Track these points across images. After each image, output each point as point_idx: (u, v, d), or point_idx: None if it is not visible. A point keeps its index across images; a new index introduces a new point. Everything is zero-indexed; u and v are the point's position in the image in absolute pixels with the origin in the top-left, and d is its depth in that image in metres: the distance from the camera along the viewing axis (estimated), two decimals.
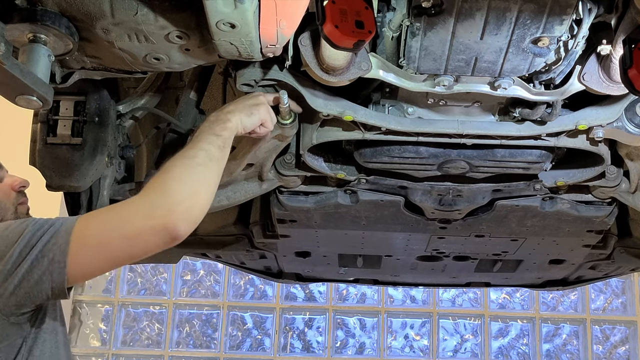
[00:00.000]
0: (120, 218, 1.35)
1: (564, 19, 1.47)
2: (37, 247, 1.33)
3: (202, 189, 1.43)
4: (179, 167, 1.43)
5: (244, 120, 1.62)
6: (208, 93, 2.35)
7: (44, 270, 1.31)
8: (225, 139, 1.55)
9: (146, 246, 1.37)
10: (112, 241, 1.34)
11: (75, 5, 1.43)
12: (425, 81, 1.72)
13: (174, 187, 1.38)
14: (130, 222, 1.34)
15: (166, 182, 1.40)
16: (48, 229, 1.35)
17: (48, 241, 1.33)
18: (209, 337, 6.36)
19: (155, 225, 1.33)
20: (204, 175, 1.45)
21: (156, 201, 1.36)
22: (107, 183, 2.20)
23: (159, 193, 1.37)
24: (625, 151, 2.05)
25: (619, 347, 6.34)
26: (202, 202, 1.43)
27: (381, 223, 2.43)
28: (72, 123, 2.07)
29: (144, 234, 1.34)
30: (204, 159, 1.48)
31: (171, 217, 1.34)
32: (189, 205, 1.38)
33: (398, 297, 6.37)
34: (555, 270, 3.03)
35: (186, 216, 1.37)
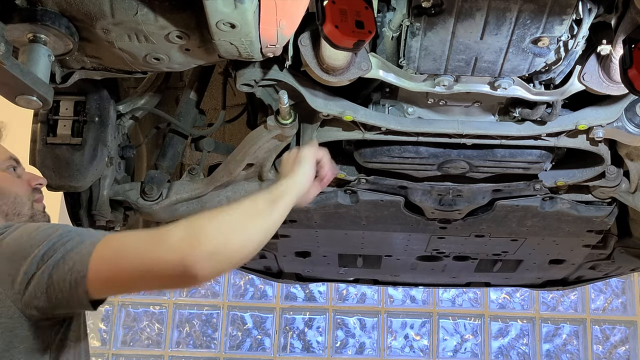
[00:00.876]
0: (144, 244, 1.29)
1: (564, 19, 1.47)
2: (59, 252, 1.30)
3: (238, 236, 1.31)
4: (219, 210, 1.34)
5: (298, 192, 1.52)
6: (208, 93, 2.35)
7: (63, 277, 1.29)
8: (276, 194, 1.44)
9: (162, 278, 1.29)
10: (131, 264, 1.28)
11: (75, 5, 1.43)
12: (425, 81, 1.72)
13: (205, 225, 1.28)
14: (151, 249, 1.27)
15: (199, 218, 1.31)
16: (74, 237, 1.32)
17: (72, 249, 1.30)
18: (209, 337, 6.36)
19: (173, 257, 1.24)
20: (242, 223, 1.33)
21: (182, 234, 1.27)
22: (107, 183, 2.20)
23: (188, 227, 1.28)
24: (625, 151, 2.05)
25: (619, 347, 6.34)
26: (233, 249, 1.30)
27: (381, 223, 2.43)
28: (72, 123, 2.07)
29: (161, 265, 1.25)
30: (248, 207, 1.37)
31: (191, 252, 1.24)
32: (216, 247, 1.26)
33: (398, 297, 6.37)
34: (555, 270, 3.03)
35: (210, 257, 1.25)
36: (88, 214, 2.24)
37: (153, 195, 2.20)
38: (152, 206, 2.21)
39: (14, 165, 1.61)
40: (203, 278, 1.26)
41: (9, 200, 1.55)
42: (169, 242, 1.26)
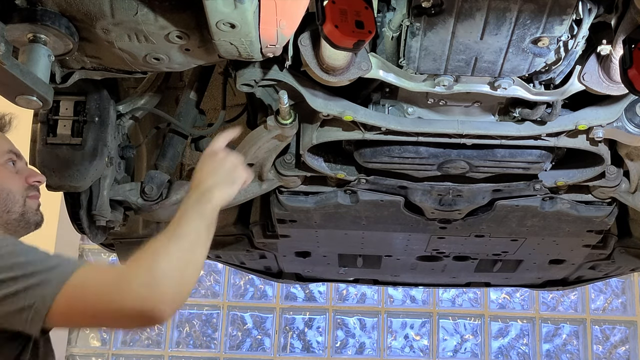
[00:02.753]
0: (109, 290, 1.31)
1: (564, 19, 1.47)
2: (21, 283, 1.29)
3: (190, 272, 1.38)
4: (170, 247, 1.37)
5: (228, 193, 1.54)
6: (208, 93, 2.35)
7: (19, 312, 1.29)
8: (211, 219, 1.47)
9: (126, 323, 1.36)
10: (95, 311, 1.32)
11: (75, 5, 1.43)
12: (425, 81, 1.72)
13: (165, 270, 1.32)
14: (117, 297, 1.30)
15: (156, 261, 1.34)
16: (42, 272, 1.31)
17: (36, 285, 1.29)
18: (209, 337, 6.36)
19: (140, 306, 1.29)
20: (193, 258, 1.39)
21: (145, 281, 1.31)
22: (107, 183, 2.20)
23: (149, 274, 1.32)
24: (625, 151, 2.05)
25: (619, 347, 6.34)
26: (189, 285, 1.38)
27: (381, 223, 2.43)
28: (72, 123, 2.07)
29: (127, 312, 1.30)
30: (193, 240, 1.41)
31: (159, 302, 1.30)
32: (177, 291, 1.33)
33: (398, 297, 6.37)
34: (555, 270, 3.03)
35: (173, 301, 1.32)
36: (88, 214, 2.23)
37: (153, 195, 2.20)
38: (152, 206, 2.21)
39: (13, 159, 1.58)
40: (167, 318, 1.33)
41: (0, 197, 1.52)
42: (136, 292, 1.29)
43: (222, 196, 1.51)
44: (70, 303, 1.30)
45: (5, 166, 1.56)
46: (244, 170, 1.59)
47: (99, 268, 1.43)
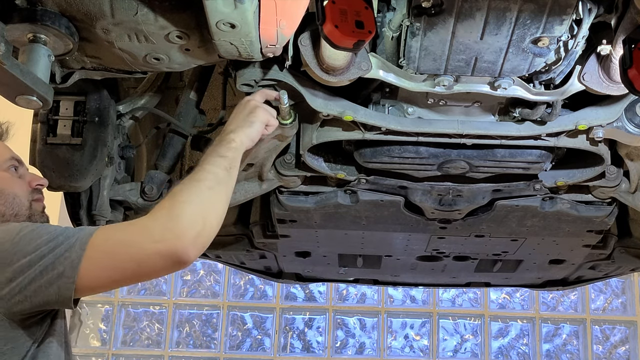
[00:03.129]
0: (131, 240, 1.35)
1: (564, 19, 1.47)
2: (48, 258, 1.33)
3: (212, 213, 1.42)
4: (188, 190, 1.43)
5: (247, 134, 1.61)
6: (208, 93, 2.35)
7: (51, 282, 1.32)
8: (231, 159, 1.53)
9: (154, 269, 1.37)
10: (121, 262, 1.35)
11: (75, 5, 1.43)
12: (425, 81, 1.72)
13: (184, 211, 1.37)
14: (139, 245, 1.34)
15: (175, 205, 1.39)
16: (63, 242, 1.35)
17: (61, 255, 1.33)
18: (209, 337, 6.36)
19: (163, 250, 1.33)
20: (213, 199, 1.44)
21: (166, 225, 1.35)
22: (107, 183, 2.20)
23: (168, 217, 1.37)
24: (625, 151, 2.05)
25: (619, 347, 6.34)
26: (212, 226, 1.42)
27: (381, 223, 2.43)
28: (72, 123, 2.07)
29: (152, 258, 1.34)
30: (211, 181, 1.46)
31: (180, 242, 1.34)
32: (198, 231, 1.37)
33: (398, 297, 6.37)
34: (555, 270, 3.03)
35: (195, 241, 1.36)
36: (88, 214, 2.24)
37: (153, 195, 2.20)
38: (152, 206, 2.21)
39: (15, 165, 1.61)
40: (192, 260, 1.38)
41: (7, 201, 1.55)
42: (156, 235, 1.34)
43: (240, 138, 1.58)
44: (96, 259, 1.33)
45: (8, 172, 1.60)
46: (263, 112, 1.65)
47: (119, 223, 1.49)
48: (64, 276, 1.32)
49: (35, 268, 1.33)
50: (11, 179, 1.59)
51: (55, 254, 1.34)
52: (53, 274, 1.32)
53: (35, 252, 1.34)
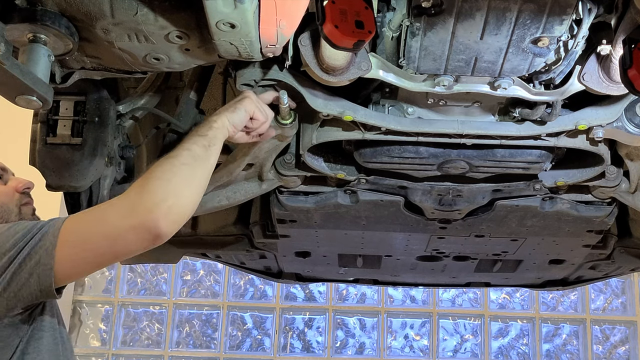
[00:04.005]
0: (102, 218, 1.35)
1: (564, 19, 1.47)
2: (24, 251, 1.34)
3: (186, 187, 1.41)
4: (161, 166, 1.42)
5: (230, 118, 1.61)
6: (208, 93, 2.35)
7: (30, 273, 1.33)
8: (210, 138, 1.53)
9: (128, 245, 1.36)
10: (95, 241, 1.35)
11: (75, 5, 1.43)
12: (425, 81, 1.72)
13: (155, 186, 1.37)
14: (111, 221, 1.34)
15: (147, 181, 1.38)
16: (36, 233, 1.36)
17: (36, 244, 1.34)
18: (209, 337, 6.35)
19: (134, 224, 1.33)
20: (187, 174, 1.43)
21: (136, 200, 1.35)
22: (107, 183, 2.20)
23: (140, 192, 1.36)
24: (625, 151, 2.05)
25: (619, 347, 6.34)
26: (186, 201, 1.40)
27: (381, 223, 2.43)
28: (72, 123, 2.07)
29: (125, 234, 1.33)
30: (187, 158, 1.46)
31: (151, 215, 1.33)
32: (170, 204, 1.36)
33: (398, 297, 6.37)
34: (555, 270, 3.03)
35: (168, 215, 1.35)
36: None
37: None
38: None
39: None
40: (166, 234, 1.36)
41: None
42: (126, 210, 1.33)
43: (222, 120, 1.59)
44: (70, 242, 1.33)
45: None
46: (249, 102, 1.66)
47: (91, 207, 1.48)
48: (41, 264, 1.32)
49: (14, 262, 1.33)
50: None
51: (30, 244, 1.34)
52: (30, 264, 1.33)
53: (14, 248, 1.35)
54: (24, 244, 1.35)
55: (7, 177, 1.65)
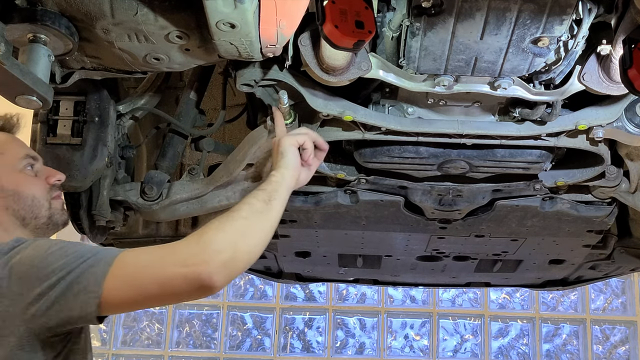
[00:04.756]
0: (157, 261, 1.33)
1: (564, 19, 1.47)
2: (73, 273, 1.32)
3: (244, 241, 1.38)
4: (222, 219, 1.41)
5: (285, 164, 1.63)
6: (208, 93, 2.35)
7: (76, 297, 1.31)
8: (270, 192, 1.52)
9: (177, 292, 1.34)
10: (145, 283, 1.33)
11: (75, 5, 1.43)
12: (425, 81, 1.72)
13: (213, 237, 1.35)
14: (165, 266, 1.32)
15: (206, 232, 1.37)
16: (89, 257, 1.34)
17: (86, 270, 1.32)
18: (209, 337, 6.36)
19: (188, 273, 1.30)
20: (246, 228, 1.41)
21: (193, 249, 1.33)
22: (107, 183, 2.20)
23: (197, 242, 1.35)
24: (625, 151, 2.05)
25: (619, 347, 6.34)
26: (242, 255, 1.38)
27: (381, 223, 2.43)
28: (72, 123, 2.07)
29: (176, 280, 1.31)
30: (246, 211, 1.44)
31: (206, 267, 1.31)
32: (227, 258, 1.34)
33: (398, 297, 6.37)
34: (555, 270, 3.03)
35: (223, 268, 1.33)
36: (88, 214, 2.23)
37: (153, 195, 2.20)
38: (152, 206, 2.21)
39: (31, 163, 1.59)
40: (219, 287, 1.33)
41: (26, 204, 1.54)
42: (182, 258, 1.31)
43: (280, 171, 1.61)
44: (121, 276, 1.31)
45: (24, 172, 1.57)
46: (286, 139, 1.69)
47: (148, 247, 1.44)
48: (88, 291, 1.31)
49: (61, 284, 1.31)
50: (28, 180, 1.56)
51: (81, 268, 1.32)
52: (78, 288, 1.31)
53: (63, 269, 1.32)
54: (75, 266, 1.32)
55: (37, 167, 1.61)
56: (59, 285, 1.31)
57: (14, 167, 1.56)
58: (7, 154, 1.57)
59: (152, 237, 2.71)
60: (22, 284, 1.32)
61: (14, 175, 1.55)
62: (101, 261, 1.33)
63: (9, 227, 1.51)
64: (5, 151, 1.57)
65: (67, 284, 1.31)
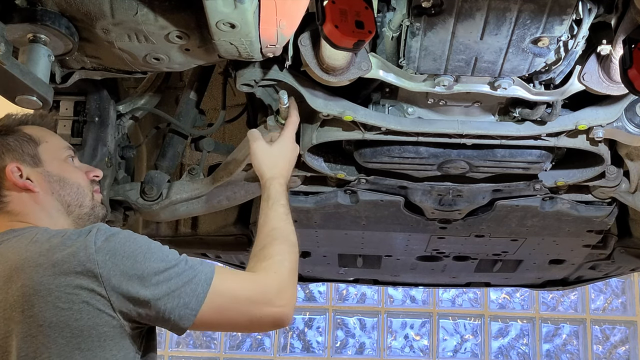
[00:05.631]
0: (251, 298, 1.40)
1: (564, 19, 1.47)
2: (174, 283, 1.34)
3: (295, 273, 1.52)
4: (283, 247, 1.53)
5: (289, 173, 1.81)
6: (208, 93, 2.35)
7: (173, 309, 1.33)
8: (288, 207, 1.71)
9: (262, 328, 1.46)
10: (238, 316, 1.40)
11: (75, 5, 1.43)
12: (425, 81, 1.72)
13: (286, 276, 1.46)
14: (257, 305, 1.40)
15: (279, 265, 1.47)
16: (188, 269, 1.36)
17: (186, 283, 1.34)
18: (209, 337, 6.36)
19: (276, 314, 1.41)
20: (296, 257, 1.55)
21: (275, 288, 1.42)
22: (107, 183, 2.20)
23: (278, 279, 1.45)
24: (625, 151, 2.05)
25: (619, 347, 6.34)
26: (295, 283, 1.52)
27: (381, 223, 2.43)
28: (72, 123, 2.07)
29: (265, 319, 1.41)
30: (294, 237, 1.59)
31: (289, 309, 1.43)
32: (294, 293, 1.47)
33: (398, 297, 6.37)
34: (555, 270, 3.03)
35: (293, 305, 1.46)
36: None
37: (153, 195, 2.20)
38: (152, 206, 2.21)
39: (72, 155, 1.59)
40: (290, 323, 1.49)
41: (72, 191, 1.53)
42: (269, 299, 1.41)
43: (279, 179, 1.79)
44: (217, 303, 1.37)
45: (67, 161, 1.57)
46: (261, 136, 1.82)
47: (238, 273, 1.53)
48: (189, 308, 1.34)
49: (162, 288, 1.32)
50: (73, 169, 1.57)
51: (182, 279, 1.34)
52: (178, 302, 1.33)
53: (166, 271, 1.34)
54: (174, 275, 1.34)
55: (77, 162, 1.61)
56: (160, 291, 1.32)
57: (59, 155, 1.56)
58: (51, 143, 1.56)
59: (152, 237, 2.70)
60: (123, 278, 1.31)
61: (59, 163, 1.55)
62: (200, 280, 1.36)
63: (52, 213, 1.50)
64: (49, 140, 1.56)
65: (166, 293, 1.33)
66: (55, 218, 1.49)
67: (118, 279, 1.31)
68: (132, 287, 1.31)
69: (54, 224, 1.46)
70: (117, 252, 1.32)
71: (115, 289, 1.30)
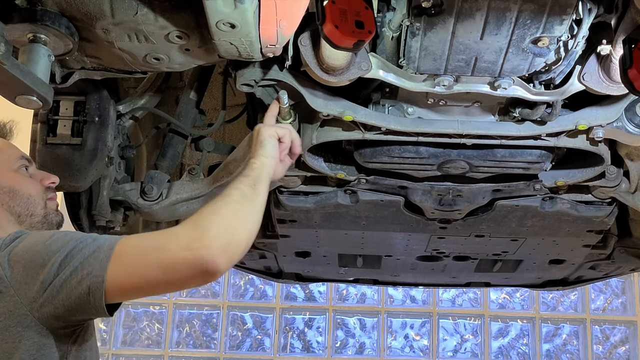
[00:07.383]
0: (159, 246, 1.34)
1: (564, 19, 1.48)
2: (77, 259, 1.32)
3: (240, 225, 1.41)
4: (214, 204, 1.43)
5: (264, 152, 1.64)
6: (208, 93, 2.35)
7: (81, 282, 1.31)
8: (254, 177, 1.55)
9: (180, 277, 1.35)
10: (149, 267, 1.33)
11: (75, 5, 1.43)
12: (425, 81, 1.72)
13: (212, 222, 1.37)
14: (168, 251, 1.33)
15: (202, 216, 1.39)
16: (91, 243, 1.35)
17: (90, 255, 1.32)
18: (209, 337, 6.35)
19: (191, 257, 1.32)
20: (240, 212, 1.44)
21: (193, 234, 1.34)
22: (107, 183, 2.20)
23: (196, 226, 1.36)
24: (625, 151, 2.06)
25: (619, 347, 6.34)
26: (241, 239, 1.40)
27: (381, 223, 2.43)
28: (72, 123, 2.07)
29: (180, 265, 1.32)
30: (237, 196, 1.47)
31: (208, 251, 1.32)
32: (227, 240, 1.36)
33: (398, 297, 6.37)
34: (555, 270, 3.03)
35: (224, 251, 1.34)
36: (88, 214, 2.24)
37: (153, 195, 2.20)
38: (152, 206, 2.21)
39: (25, 165, 1.60)
40: (221, 272, 1.35)
41: (22, 201, 1.55)
42: (184, 243, 1.32)
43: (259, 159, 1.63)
44: (124, 262, 1.32)
45: (19, 172, 1.59)
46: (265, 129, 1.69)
47: (148, 233, 1.47)
48: (93, 275, 1.31)
49: (65, 270, 1.31)
50: (24, 179, 1.58)
51: (84, 254, 1.33)
52: (83, 273, 1.31)
53: (65, 254, 1.33)
54: (76, 252, 1.33)
55: (32, 170, 1.63)
56: (64, 272, 1.31)
57: (10, 166, 1.58)
58: (3, 154, 1.58)
59: None
60: (26, 272, 1.32)
61: (10, 173, 1.56)
62: (103, 247, 1.34)
63: (4, 224, 1.51)
64: (2, 150, 1.59)
65: (72, 269, 1.31)
66: (5, 228, 1.50)
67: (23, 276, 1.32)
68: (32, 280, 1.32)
69: (6, 233, 1.45)
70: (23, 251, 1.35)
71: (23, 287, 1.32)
